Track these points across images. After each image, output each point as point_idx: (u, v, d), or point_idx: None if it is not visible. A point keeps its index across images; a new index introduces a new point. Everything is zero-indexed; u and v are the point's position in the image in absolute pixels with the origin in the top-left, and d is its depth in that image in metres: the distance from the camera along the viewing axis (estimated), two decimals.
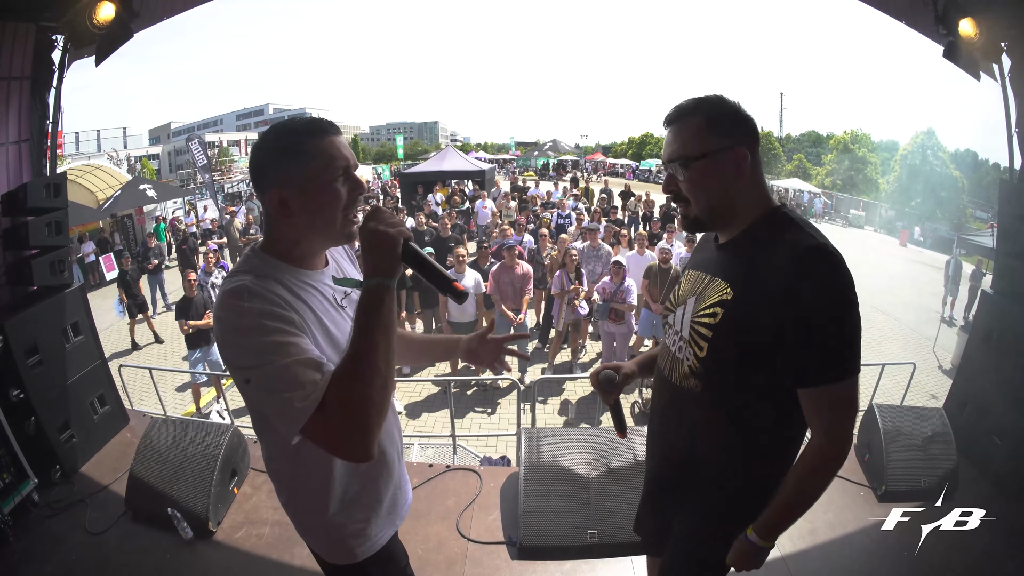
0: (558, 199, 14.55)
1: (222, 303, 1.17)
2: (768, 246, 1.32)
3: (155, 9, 4.32)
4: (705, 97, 1.38)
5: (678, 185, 1.42)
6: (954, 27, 3.69)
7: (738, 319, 1.32)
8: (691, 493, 1.54)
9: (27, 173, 3.90)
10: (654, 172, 41.09)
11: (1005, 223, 3.87)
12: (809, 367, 1.24)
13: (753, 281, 1.31)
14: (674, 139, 1.39)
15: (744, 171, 1.35)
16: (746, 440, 1.41)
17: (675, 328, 1.54)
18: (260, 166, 1.26)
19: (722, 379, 1.37)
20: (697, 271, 1.54)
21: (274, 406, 1.10)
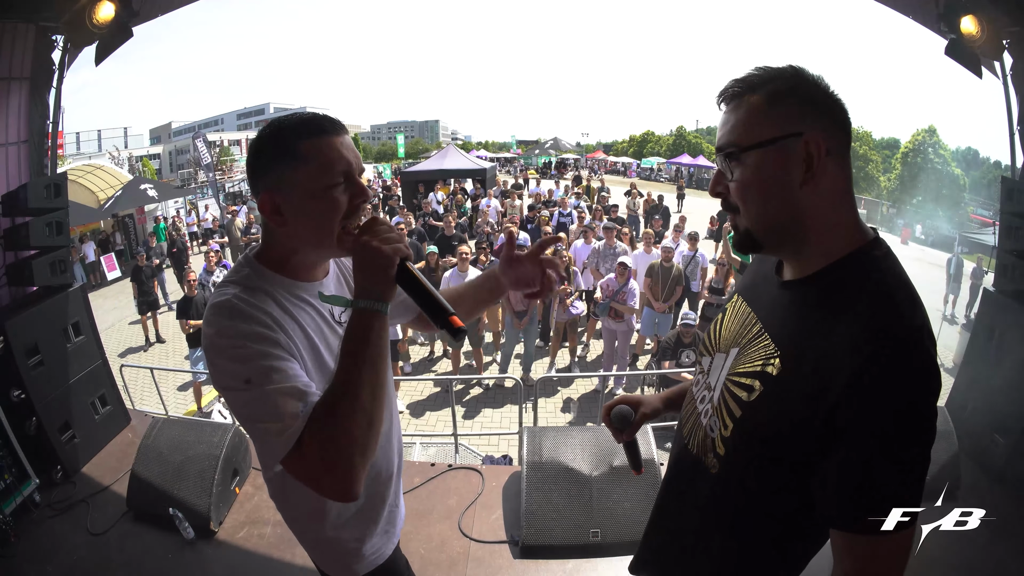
0: (559, 197, 14.54)
1: (207, 318, 1.09)
2: (843, 307, 0.92)
3: (154, 7, 4.32)
4: (776, 67, 0.98)
5: (726, 186, 1.03)
6: (956, 24, 3.68)
7: (776, 407, 0.97)
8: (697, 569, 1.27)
9: (27, 173, 3.90)
10: (654, 170, 41.07)
11: (1007, 221, 3.86)
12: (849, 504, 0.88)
13: (810, 358, 0.93)
14: (727, 120, 1.01)
15: (820, 171, 0.94)
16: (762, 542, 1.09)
17: (707, 380, 1.20)
18: (254, 166, 1.14)
19: (744, 473, 1.05)
20: (747, 307, 1.17)
21: (253, 433, 1.04)
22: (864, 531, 0.87)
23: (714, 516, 1.15)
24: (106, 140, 37.59)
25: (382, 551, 1.51)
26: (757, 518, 1.06)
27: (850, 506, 0.88)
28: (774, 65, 0.98)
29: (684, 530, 1.26)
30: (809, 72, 0.97)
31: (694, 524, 1.22)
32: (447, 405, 5.65)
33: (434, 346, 8.11)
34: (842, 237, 0.98)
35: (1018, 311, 3.65)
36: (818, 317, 0.96)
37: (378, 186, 23.44)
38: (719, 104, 1.03)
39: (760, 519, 1.06)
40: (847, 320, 0.90)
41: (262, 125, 1.23)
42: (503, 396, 6.91)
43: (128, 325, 10.74)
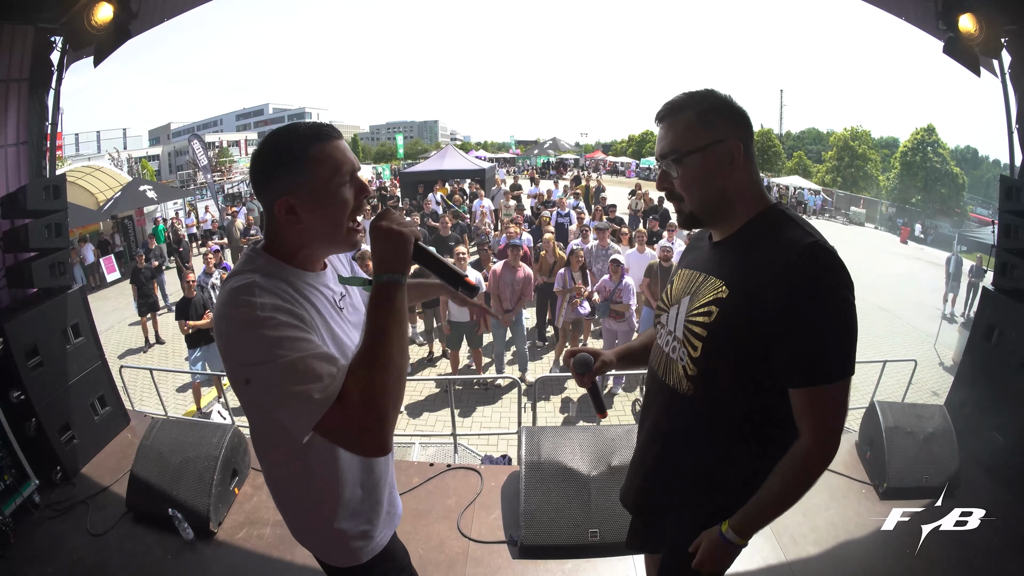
0: (558, 198, 14.53)
1: (230, 299, 1.14)
2: (764, 243, 1.30)
3: (153, 11, 4.32)
4: (695, 91, 1.35)
5: (672, 182, 1.39)
6: (954, 23, 3.68)
7: (733, 317, 1.29)
8: (685, 497, 1.51)
9: (26, 175, 3.90)
10: (654, 170, 41.06)
11: (1005, 219, 3.86)
12: (801, 367, 1.22)
13: (749, 279, 1.28)
14: (665, 135, 1.36)
15: (738, 164, 1.32)
16: (739, 443, 1.38)
17: (668, 328, 1.51)
18: (265, 173, 1.23)
19: (716, 380, 1.35)
20: (691, 270, 1.51)
21: (287, 402, 1.08)
22: (821, 382, 1.21)
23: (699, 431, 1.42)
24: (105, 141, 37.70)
25: (385, 534, 1.55)
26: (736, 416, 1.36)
27: (809, 365, 1.21)
28: (695, 89, 1.35)
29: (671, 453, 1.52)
30: (720, 92, 1.35)
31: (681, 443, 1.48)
32: (446, 405, 5.67)
33: (433, 346, 8.11)
34: (754, 204, 1.37)
35: (1017, 309, 3.66)
36: (749, 251, 1.33)
37: (376, 186, 23.47)
38: (656, 122, 1.39)
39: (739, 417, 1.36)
40: (772, 245, 1.27)
41: (261, 126, 1.28)
42: (502, 396, 6.91)
43: (128, 326, 10.74)
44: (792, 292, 1.18)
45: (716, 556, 1.40)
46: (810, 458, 1.27)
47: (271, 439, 1.35)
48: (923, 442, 3.51)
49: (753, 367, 1.28)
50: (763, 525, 1.38)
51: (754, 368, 1.28)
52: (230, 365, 1.16)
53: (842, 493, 3.52)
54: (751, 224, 1.36)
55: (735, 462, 1.40)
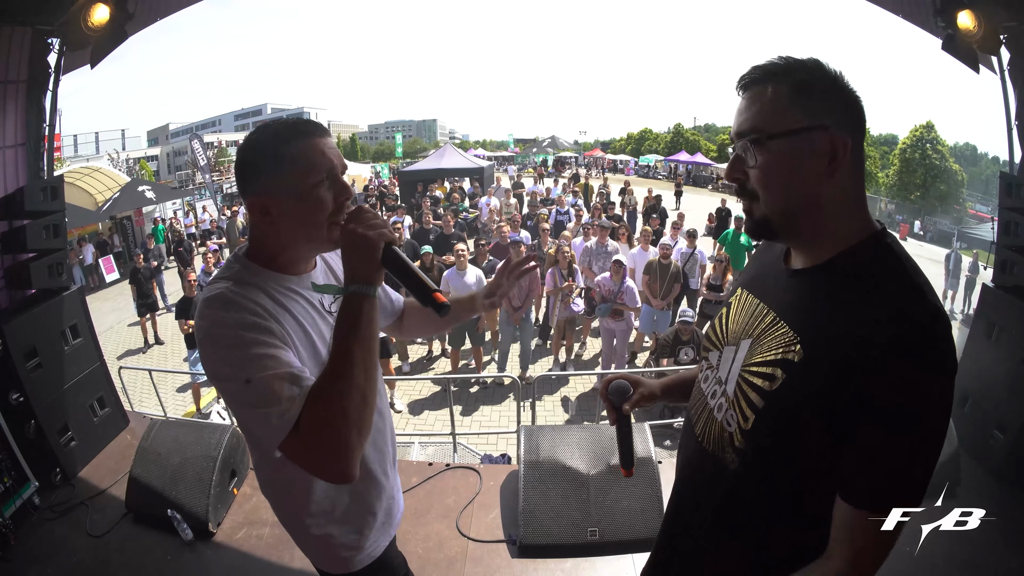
0: (557, 195, 14.54)
1: (201, 312, 1.12)
2: (862, 293, 0.94)
3: (149, 10, 4.31)
4: (798, 58, 0.99)
5: (745, 172, 1.03)
6: (953, 20, 3.67)
7: (802, 394, 0.96)
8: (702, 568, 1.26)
9: (24, 176, 3.89)
10: (652, 168, 41.06)
11: (1005, 216, 3.86)
12: (869, 486, 0.92)
13: (833, 344, 0.93)
14: (748, 107, 1.01)
15: (840, 165, 0.96)
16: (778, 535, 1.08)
17: (717, 375, 1.18)
18: (242, 170, 1.19)
19: (769, 464, 1.03)
20: (755, 298, 1.17)
21: (252, 421, 1.07)
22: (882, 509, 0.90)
23: (733, 514, 1.13)
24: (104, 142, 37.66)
25: (379, 544, 1.52)
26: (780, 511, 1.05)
27: (880, 486, 0.90)
28: (797, 56, 0.99)
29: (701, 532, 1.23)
30: (830, 67, 0.98)
31: (710, 525, 1.20)
32: (445, 404, 5.66)
33: (432, 345, 8.11)
34: (854, 227, 1.01)
35: (1017, 306, 3.65)
36: (838, 302, 0.97)
37: (375, 185, 23.44)
38: (739, 90, 1.04)
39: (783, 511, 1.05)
40: (870, 303, 0.92)
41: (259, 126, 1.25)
42: (501, 395, 6.91)
43: (127, 327, 10.74)
44: (893, 385, 0.86)
45: None
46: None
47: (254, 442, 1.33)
48: None
49: (816, 460, 0.96)
50: None
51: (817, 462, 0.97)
52: (207, 377, 1.17)
53: None
54: (847, 257, 1.00)
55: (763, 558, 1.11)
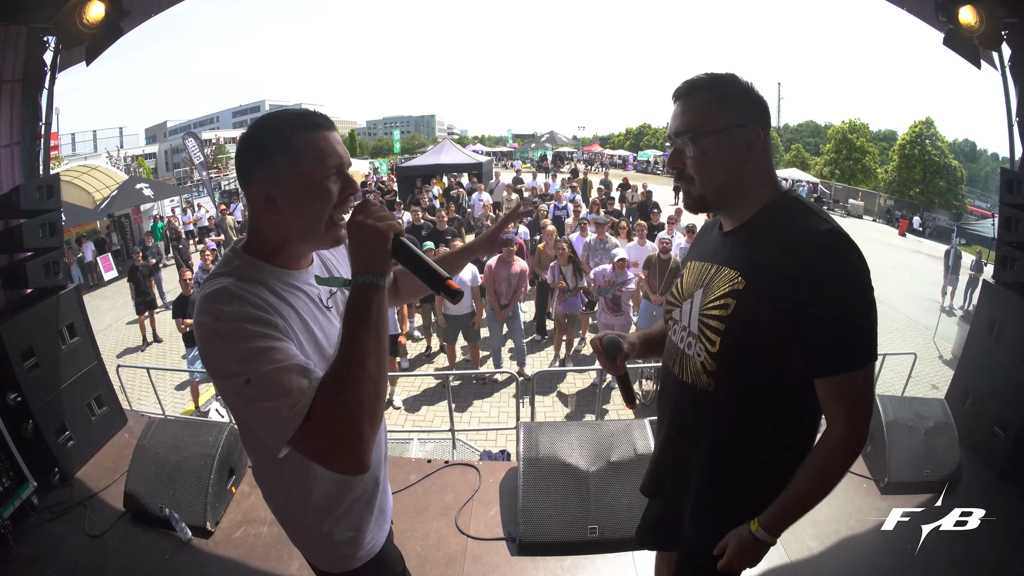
0: (555, 191, 14.51)
1: (202, 307, 1.09)
2: (780, 232, 1.26)
3: (144, 6, 4.28)
4: (718, 73, 1.31)
5: (684, 162, 1.34)
6: (954, 15, 3.66)
7: (752, 308, 1.26)
8: (708, 495, 1.46)
9: (20, 175, 3.87)
10: (652, 163, 41.02)
11: (1005, 212, 3.85)
12: (827, 357, 1.20)
13: (766, 268, 1.25)
14: (684, 112, 1.32)
15: (755, 152, 1.29)
16: (763, 439, 1.35)
17: (682, 324, 1.46)
18: (248, 158, 1.17)
19: (737, 374, 1.31)
20: (701, 261, 1.46)
21: (259, 416, 1.03)
22: (847, 369, 1.20)
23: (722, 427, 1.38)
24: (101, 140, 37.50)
25: (377, 540, 1.52)
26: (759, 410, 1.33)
27: (836, 354, 1.19)
28: (717, 71, 1.32)
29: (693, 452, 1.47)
30: (743, 79, 1.31)
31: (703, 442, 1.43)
32: (443, 400, 5.66)
33: (430, 341, 8.10)
34: (766, 192, 1.34)
35: (1018, 303, 3.64)
36: (764, 240, 1.29)
37: (373, 181, 23.41)
38: (674, 100, 1.34)
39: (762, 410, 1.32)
40: (788, 233, 1.24)
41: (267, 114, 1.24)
42: (500, 391, 6.90)
43: (125, 325, 10.72)
44: (813, 281, 1.16)
45: (747, 555, 1.36)
46: (842, 447, 1.25)
47: (254, 443, 1.30)
48: (924, 437, 3.50)
49: (775, 359, 1.25)
50: (795, 521, 1.33)
51: (776, 360, 1.25)
52: (209, 375, 1.12)
53: (843, 488, 3.49)
54: (764, 212, 1.33)
55: (759, 459, 1.37)
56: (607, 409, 6.41)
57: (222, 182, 28.01)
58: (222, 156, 36.78)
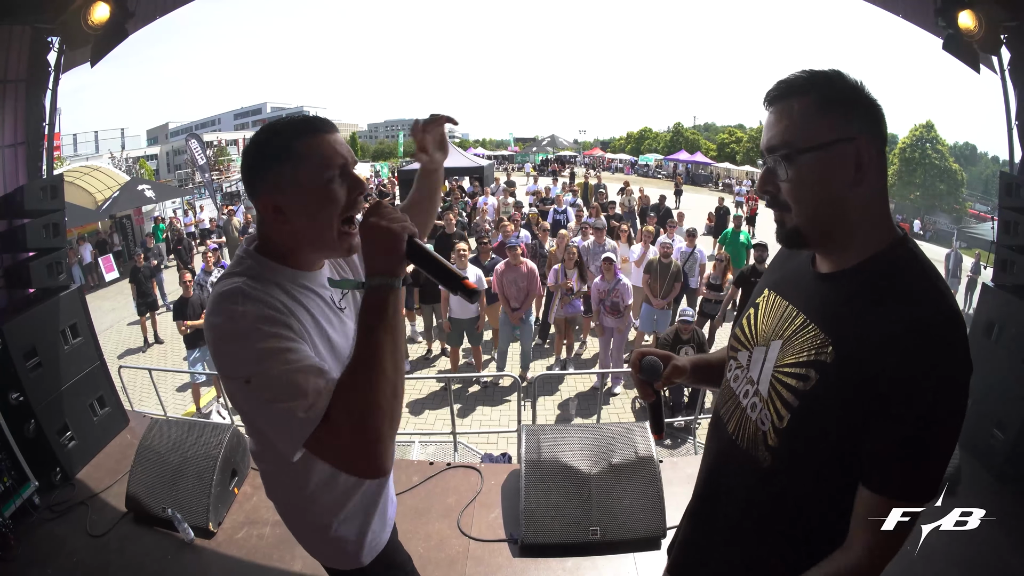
0: (556, 195, 14.54)
1: (215, 307, 1.08)
2: (888, 297, 1.00)
3: (149, 8, 4.30)
4: (819, 70, 1.05)
5: (777, 185, 1.08)
6: (954, 19, 3.67)
7: (836, 395, 1.01)
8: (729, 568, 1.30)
9: (23, 176, 3.88)
10: (652, 167, 41.07)
11: (1005, 216, 3.86)
12: (894, 473, 0.98)
13: (863, 346, 0.98)
14: (777, 122, 1.06)
15: (867, 173, 1.01)
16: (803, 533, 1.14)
17: (748, 374, 1.23)
18: (252, 169, 1.16)
19: (803, 462, 1.08)
20: (783, 299, 1.21)
21: (273, 418, 1.02)
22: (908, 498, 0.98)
23: (764, 509, 1.18)
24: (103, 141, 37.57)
25: (381, 536, 1.54)
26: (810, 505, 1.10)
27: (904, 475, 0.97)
28: (817, 68, 1.05)
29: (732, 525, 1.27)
30: (851, 77, 1.04)
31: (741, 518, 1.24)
32: (446, 403, 5.67)
33: (432, 344, 8.11)
34: (879, 233, 1.06)
35: (1017, 306, 3.65)
36: (867, 304, 1.01)
37: (374, 184, 23.43)
38: (766, 105, 1.09)
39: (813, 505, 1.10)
40: (898, 304, 0.98)
41: (259, 124, 1.26)
42: (501, 394, 6.91)
43: (127, 326, 10.73)
44: (919, 384, 0.93)
45: None
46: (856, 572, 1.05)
47: (264, 446, 1.30)
48: None
49: (846, 455, 1.02)
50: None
51: (842, 454, 1.03)
52: (220, 376, 1.11)
53: None
54: (873, 263, 1.05)
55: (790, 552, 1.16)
56: (608, 412, 6.42)
57: (224, 184, 28.04)
58: (224, 158, 36.79)
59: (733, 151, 46.71)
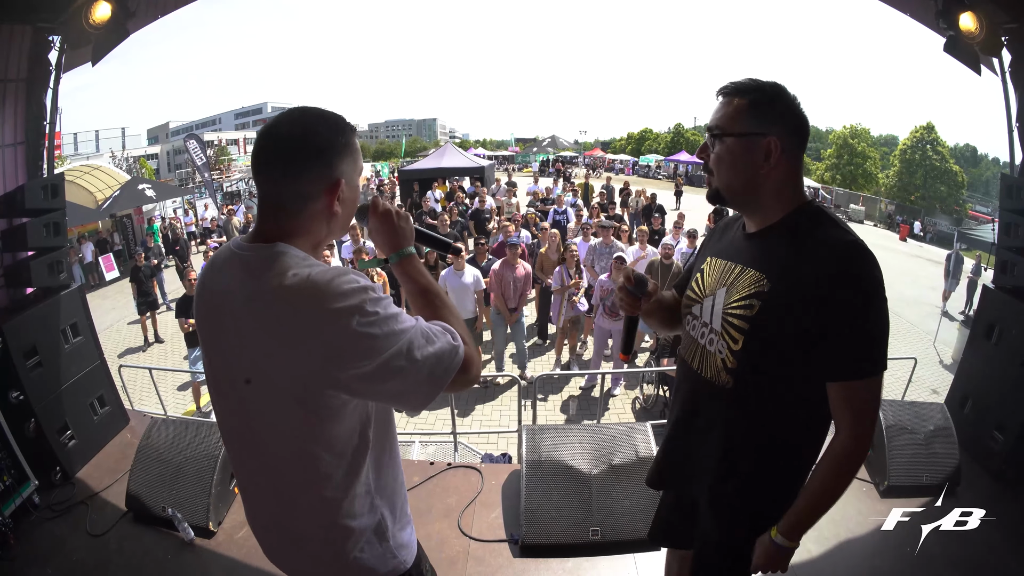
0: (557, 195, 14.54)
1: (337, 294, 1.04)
2: (805, 239, 1.32)
3: (150, 7, 4.30)
4: (763, 82, 1.37)
5: (708, 155, 1.43)
6: (955, 21, 3.67)
7: (775, 310, 1.31)
8: (722, 493, 1.50)
9: (24, 175, 3.88)
10: (653, 168, 41.04)
11: (1006, 217, 3.86)
12: (845, 362, 1.26)
13: (791, 274, 1.31)
14: (719, 109, 1.40)
15: (772, 162, 1.34)
16: (779, 438, 1.41)
17: (702, 320, 1.52)
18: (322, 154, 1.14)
19: (758, 372, 1.37)
20: (724, 260, 1.52)
21: (435, 359, 1.11)
22: (860, 376, 1.27)
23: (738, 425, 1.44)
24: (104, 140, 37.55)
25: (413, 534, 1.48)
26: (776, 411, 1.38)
27: (853, 360, 1.26)
28: (764, 79, 1.37)
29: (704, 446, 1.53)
30: (787, 91, 1.36)
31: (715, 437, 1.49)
32: (446, 403, 5.66)
33: None
34: (790, 200, 1.39)
35: (1017, 308, 3.65)
36: (789, 245, 1.35)
37: (373, 185, 23.43)
38: (717, 95, 1.42)
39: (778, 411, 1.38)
40: (813, 241, 1.30)
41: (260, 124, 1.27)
42: (501, 394, 6.91)
43: (127, 325, 10.73)
44: (837, 289, 1.23)
45: (775, 561, 1.45)
46: (850, 452, 1.31)
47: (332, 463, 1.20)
48: (923, 440, 3.51)
49: (794, 361, 1.31)
50: (811, 525, 1.40)
51: (795, 362, 1.31)
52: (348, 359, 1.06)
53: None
54: (789, 218, 1.38)
55: (777, 457, 1.43)
56: (608, 413, 6.42)
57: (224, 184, 28.04)
58: (224, 158, 36.81)
59: None
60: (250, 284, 1.11)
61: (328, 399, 1.11)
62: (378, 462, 1.29)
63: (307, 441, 1.16)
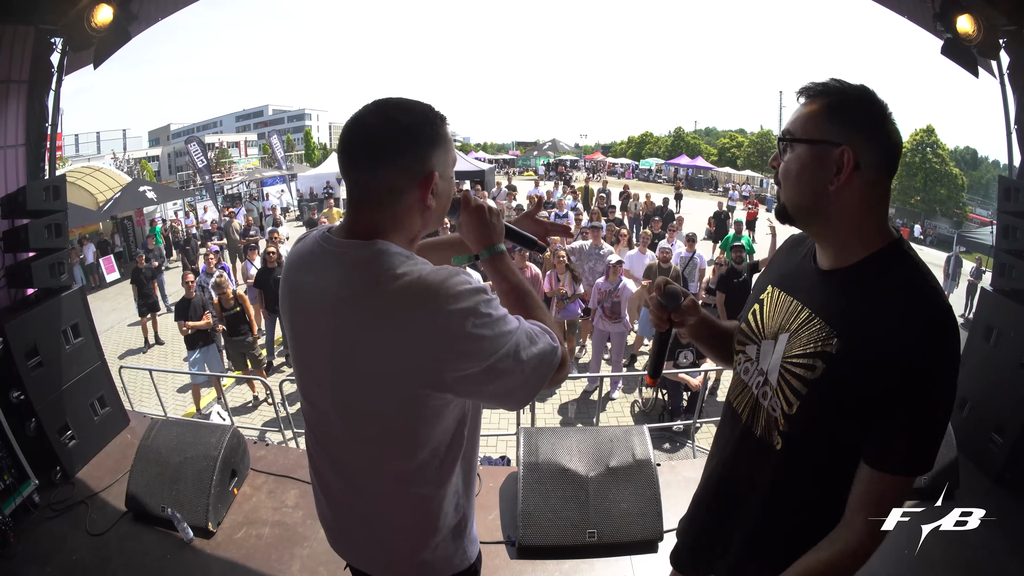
0: (557, 199, 14.57)
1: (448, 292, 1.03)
2: (884, 294, 1.11)
3: (152, 10, 4.33)
4: (848, 84, 1.16)
5: (779, 164, 1.25)
6: (952, 24, 3.68)
7: (841, 381, 1.11)
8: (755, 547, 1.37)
9: (25, 176, 3.90)
10: (653, 171, 41.08)
11: (1004, 220, 3.87)
12: (897, 451, 1.08)
13: (864, 332, 1.10)
14: (795, 112, 1.21)
15: (844, 178, 1.12)
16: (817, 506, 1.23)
17: (758, 366, 1.34)
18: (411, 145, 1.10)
19: (811, 444, 1.20)
20: (789, 296, 1.31)
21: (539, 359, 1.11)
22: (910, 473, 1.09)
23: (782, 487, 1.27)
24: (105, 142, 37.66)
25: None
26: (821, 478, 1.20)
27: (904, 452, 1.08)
28: (850, 81, 1.16)
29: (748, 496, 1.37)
30: (876, 98, 1.14)
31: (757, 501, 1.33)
32: None
33: None
34: (874, 235, 1.16)
35: (1016, 310, 3.66)
36: (867, 301, 1.12)
37: None
38: (797, 96, 1.22)
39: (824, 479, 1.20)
40: (895, 299, 1.08)
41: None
42: None
43: (127, 327, 10.75)
44: (915, 372, 1.04)
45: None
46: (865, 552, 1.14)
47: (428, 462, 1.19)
48: None
49: (849, 435, 1.14)
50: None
51: (849, 436, 1.14)
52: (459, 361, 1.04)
53: None
54: (872, 261, 1.16)
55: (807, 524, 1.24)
56: (606, 416, 6.42)
57: (225, 186, 28.04)
58: (225, 160, 36.83)
59: (734, 156, 46.68)
60: (355, 284, 1.08)
61: (431, 399, 1.09)
62: (467, 462, 1.29)
63: (405, 440, 1.15)
